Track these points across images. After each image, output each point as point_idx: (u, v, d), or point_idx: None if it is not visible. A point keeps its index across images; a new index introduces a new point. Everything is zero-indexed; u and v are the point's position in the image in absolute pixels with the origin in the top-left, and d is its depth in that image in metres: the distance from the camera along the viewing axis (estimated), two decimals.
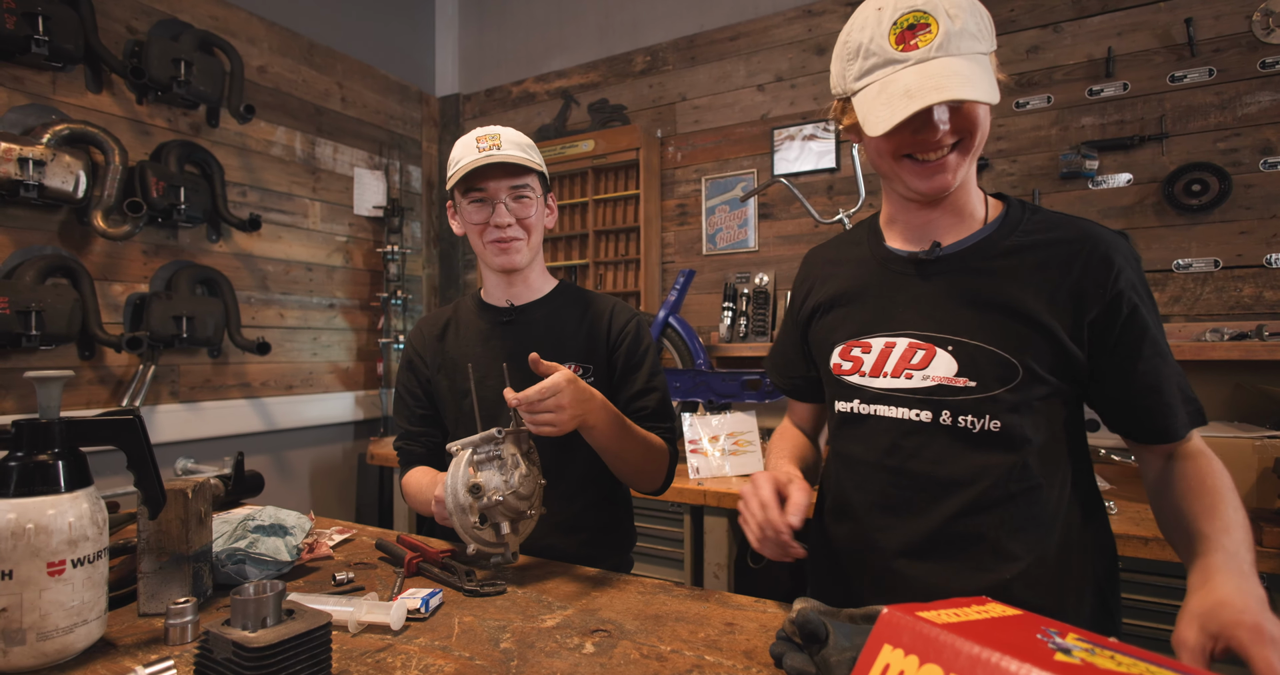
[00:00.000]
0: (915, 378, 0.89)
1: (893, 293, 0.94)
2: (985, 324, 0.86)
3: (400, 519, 2.87)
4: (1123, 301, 0.83)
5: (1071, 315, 0.84)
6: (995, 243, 0.89)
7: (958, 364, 0.87)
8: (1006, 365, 0.85)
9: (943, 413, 0.87)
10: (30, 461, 0.75)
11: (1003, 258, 0.88)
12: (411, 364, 1.37)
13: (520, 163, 1.20)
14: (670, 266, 3.05)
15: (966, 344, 0.87)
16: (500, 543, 1.03)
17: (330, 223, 3.07)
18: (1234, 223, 2.06)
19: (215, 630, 0.67)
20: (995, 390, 0.85)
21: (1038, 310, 0.84)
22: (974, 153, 0.87)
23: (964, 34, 0.80)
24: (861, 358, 0.94)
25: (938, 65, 0.79)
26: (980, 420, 0.86)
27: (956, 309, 0.88)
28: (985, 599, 0.61)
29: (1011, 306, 0.85)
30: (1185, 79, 2.13)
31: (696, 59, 3.01)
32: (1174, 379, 0.85)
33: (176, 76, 2.31)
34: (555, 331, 1.30)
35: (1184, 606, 0.71)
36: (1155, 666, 0.48)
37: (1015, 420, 0.85)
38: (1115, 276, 0.83)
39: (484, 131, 1.23)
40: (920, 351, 0.89)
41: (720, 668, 0.74)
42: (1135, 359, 0.84)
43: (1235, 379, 1.97)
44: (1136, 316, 0.84)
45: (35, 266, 2.01)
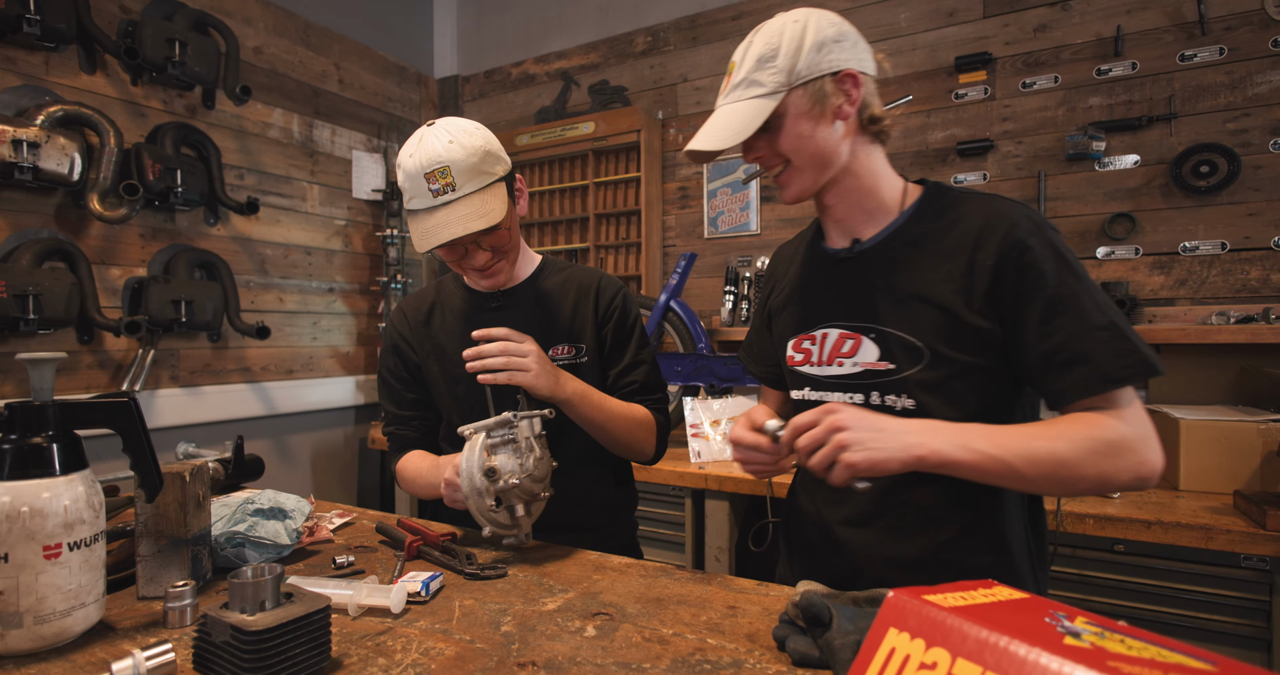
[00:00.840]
0: (846, 365, 0.98)
1: (826, 287, 1.03)
2: (896, 311, 0.94)
3: (401, 503, 2.87)
4: (1013, 269, 0.86)
5: (972, 292, 0.88)
6: (907, 232, 0.96)
7: (879, 350, 0.95)
8: (914, 348, 0.92)
9: (871, 394, 0.96)
10: (24, 444, 0.74)
11: (912, 246, 0.95)
12: (397, 348, 1.35)
13: (486, 221, 1.10)
14: (671, 250, 3.03)
15: (884, 331, 0.95)
16: (515, 524, 1.03)
17: (329, 206, 3.05)
18: (1242, 204, 2.03)
19: (213, 613, 0.67)
20: (908, 371, 0.92)
21: (940, 293, 0.90)
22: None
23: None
24: (810, 349, 1.03)
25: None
26: (899, 399, 0.93)
27: (875, 299, 0.96)
28: (991, 582, 0.61)
29: (918, 293, 0.92)
30: (1195, 58, 2.09)
31: (698, 39, 2.96)
32: (1086, 341, 0.82)
33: (171, 57, 2.27)
34: (543, 314, 1.29)
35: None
36: (1165, 650, 0.48)
37: (927, 398, 0.91)
38: (1009, 248, 0.87)
39: (429, 160, 1.10)
40: (850, 341, 0.98)
41: (723, 651, 0.74)
42: (1036, 325, 0.85)
43: (1241, 362, 1.95)
44: (1032, 283, 0.85)
45: (32, 250, 2.00)
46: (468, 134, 1.13)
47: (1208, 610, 1.49)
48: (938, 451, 0.80)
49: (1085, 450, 0.79)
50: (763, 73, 0.91)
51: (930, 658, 0.49)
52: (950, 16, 2.46)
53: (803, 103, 0.91)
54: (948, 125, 2.46)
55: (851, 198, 0.99)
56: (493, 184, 1.14)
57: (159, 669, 0.66)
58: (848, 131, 0.94)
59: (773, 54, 0.91)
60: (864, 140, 0.97)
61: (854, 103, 0.93)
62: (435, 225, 1.11)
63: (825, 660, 0.68)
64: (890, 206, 0.98)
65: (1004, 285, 0.86)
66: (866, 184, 0.98)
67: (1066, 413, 0.85)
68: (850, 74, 0.92)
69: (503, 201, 1.14)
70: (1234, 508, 1.55)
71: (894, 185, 0.99)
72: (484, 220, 1.10)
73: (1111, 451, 0.79)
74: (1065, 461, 0.79)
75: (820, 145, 0.93)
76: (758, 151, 0.97)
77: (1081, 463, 0.79)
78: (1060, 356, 0.83)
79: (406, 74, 3.48)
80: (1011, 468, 0.80)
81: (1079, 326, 0.82)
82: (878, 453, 0.79)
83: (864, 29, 2.77)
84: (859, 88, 0.93)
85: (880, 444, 0.79)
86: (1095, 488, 0.81)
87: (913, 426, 0.82)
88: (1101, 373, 0.81)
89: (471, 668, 0.70)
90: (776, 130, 0.93)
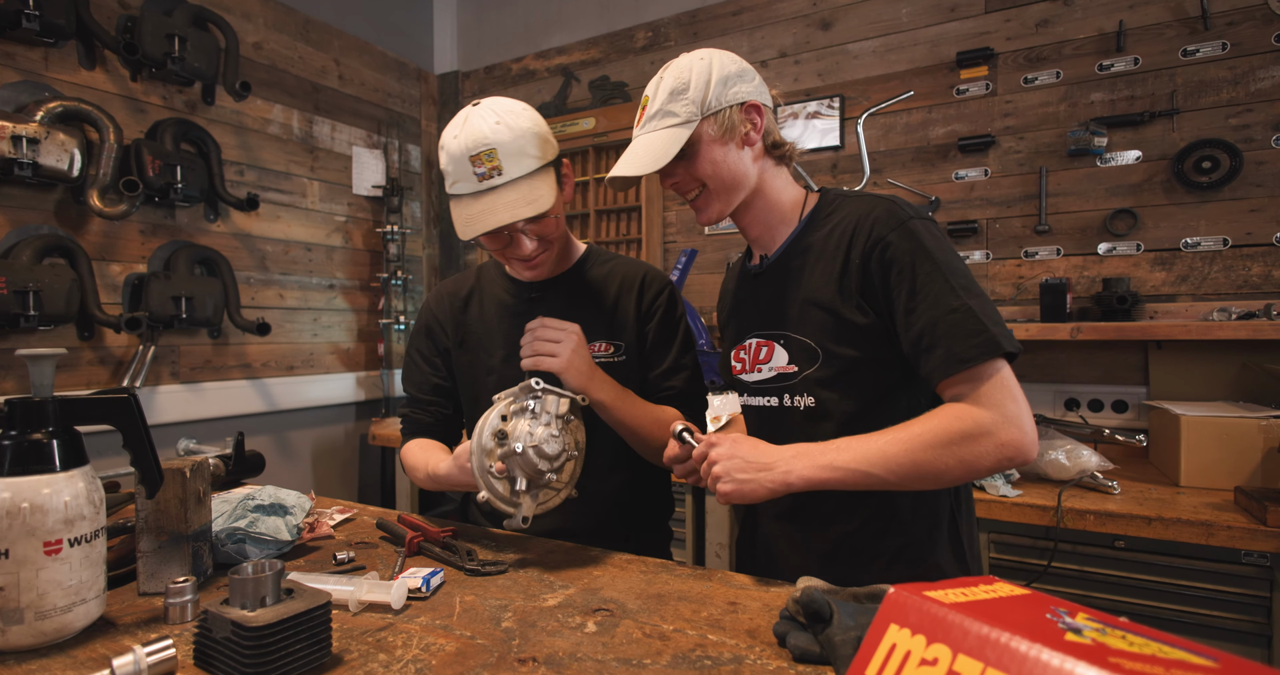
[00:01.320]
0: (764, 370, 1.06)
1: (748, 301, 1.12)
2: (795, 317, 1.01)
3: (403, 499, 2.88)
4: (877, 265, 0.92)
5: (848, 291, 0.95)
6: (799, 241, 1.04)
7: (787, 354, 1.03)
8: (809, 349, 0.99)
9: (783, 396, 1.03)
10: (24, 440, 0.74)
11: (801, 254, 1.02)
12: (430, 331, 1.31)
13: (535, 208, 1.06)
14: (672, 246, 3.02)
15: (789, 336, 1.02)
16: (513, 501, 0.99)
17: (329, 202, 3.04)
18: (1244, 200, 2.03)
19: (214, 609, 0.67)
20: (808, 371, 1.00)
21: (824, 295, 0.97)
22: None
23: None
24: (744, 358, 1.11)
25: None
26: (802, 398, 1.01)
27: (780, 308, 1.04)
28: (992, 578, 0.60)
29: (808, 297, 0.99)
30: (1198, 53, 2.08)
31: (699, 34, 2.95)
32: (942, 324, 0.87)
33: (170, 53, 2.27)
34: (583, 306, 1.24)
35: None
36: (1167, 646, 0.47)
37: (825, 394, 0.98)
38: (874, 243, 0.93)
39: (475, 141, 1.05)
40: (765, 348, 1.06)
41: (723, 647, 0.74)
42: (902, 314, 0.91)
43: (1242, 359, 1.95)
44: (896, 276, 0.91)
45: (32, 246, 1.99)
46: (515, 114, 1.09)
47: (1208, 606, 1.49)
48: (803, 477, 0.87)
49: (938, 445, 0.84)
50: (676, 104, 0.99)
51: (931, 654, 0.49)
52: (952, 11, 2.45)
53: (714, 130, 0.99)
54: (949, 121, 2.45)
55: (759, 216, 1.06)
56: (541, 169, 1.09)
57: (160, 665, 0.66)
58: (755, 156, 1.03)
59: (684, 87, 0.99)
60: (769, 163, 1.05)
61: (759, 130, 1.02)
62: (480, 212, 1.06)
63: (826, 656, 0.68)
64: (790, 219, 1.06)
65: (871, 280, 0.93)
66: (771, 201, 1.05)
67: (942, 392, 0.90)
68: (754, 104, 1.01)
69: (551, 187, 1.10)
70: (1235, 504, 1.55)
71: (794, 198, 1.07)
72: (532, 207, 1.06)
73: (966, 440, 0.83)
74: (920, 461, 0.84)
75: (732, 169, 1.00)
76: (674, 178, 1.04)
77: (938, 458, 0.84)
78: (923, 342, 0.88)
79: (406, 70, 3.47)
80: (873, 476, 0.86)
81: (935, 312, 0.87)
82: (744, 485, 0.88)
83: (865, 24, 2.77)
84: (763, 117, 1.02)
85: (746, 476, 0.88)
86: (965, 476, 0.85)
87: (782, 455, 0.89)
88: (953, 354, 0.85)
89: (472, 663, 0.70)
90: (692, 157, 1.00)
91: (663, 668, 0.69)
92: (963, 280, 0.89)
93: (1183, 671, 0.43)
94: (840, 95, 2.64)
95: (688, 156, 1.00)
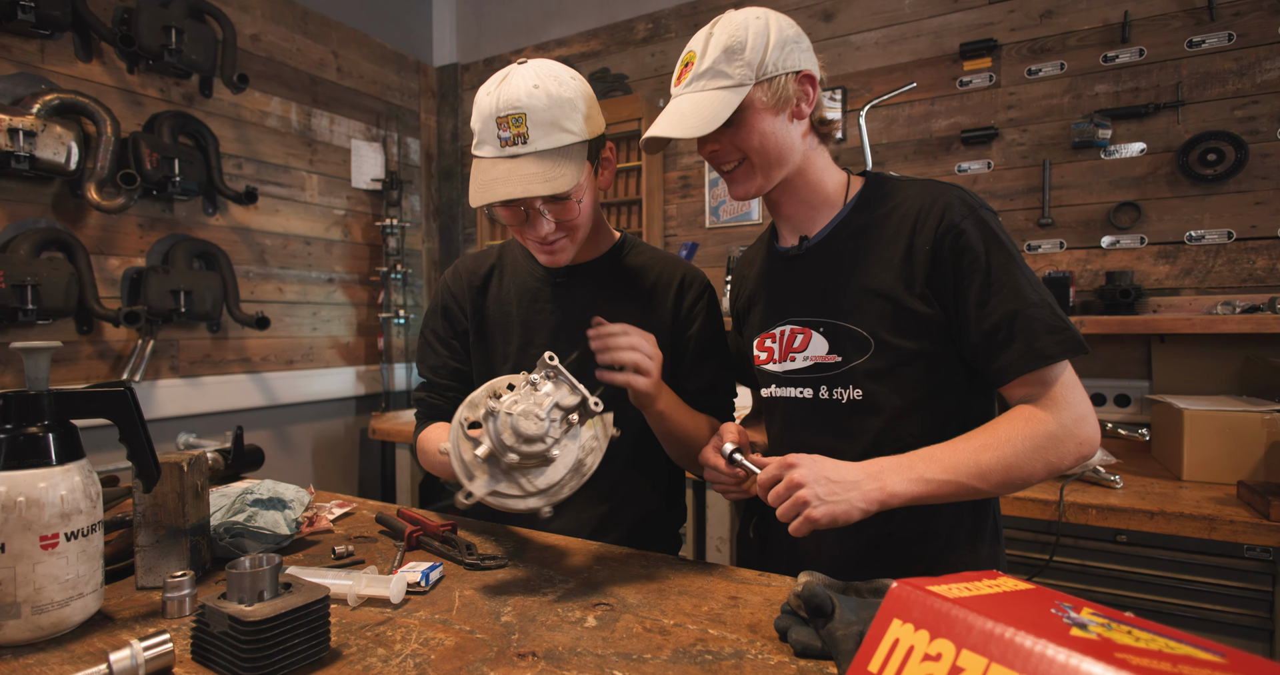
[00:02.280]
0: (798, 360, 1.00)
1: (779, 285, 1.05)
2: (843, 304, 0.96)
3: (402, 493, 2.88)
4: (949, 252, 0.88)
5: (912, 278, 0.90)
6: (848, 225, 0.98)
7: (828, 343, 0.97)
8: (860, 338, 0.94)
9: (820, 388, 0.98)
10: (20, 434, 0.73)
11: (853, 239, 0.97)
12: (448, 311, 1.23)
13: (551, 186, 0.96)
14: (673, 240, 3.01)
15: (832, 324, 0.97)
16: (466, 467, 0.86)
17: (328, 196, 3.03)
18: (1249, 193, 2.01)
19: (211, 604, 0.67)
20: (855, 361, 0.94)
21: (882, 281, 0.92)
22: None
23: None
24: (771, 347, 1.05)
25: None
26: (846, 391, 0.95)
27: (822, 293, 0.98)
28: (996, 573, 0.60)
29: (862, 283, 0.94)
30: (1203, 44, 2.06)
31: (700, 26, 2.91)
32: (1021, 318, 0.85)
33: (167, 45, 2.25)
34: (612, 298, 1.15)
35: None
36: (1173, 641, 0.47)
37: (874, 387, 0.93)
38: (946, 229, 0.89)
39: (506, 103, 0.96)
40: (800, 336, 1.00)
41: (724, 641, 0.73)
42: (974, 305, 0.87)
43: (1246, 353, 1.94)
44: (969, 265, 0.87)
45: (30, 240, 1.99)
46: (559, 81, 0.98)
47: (1210, 601, 1.49)
48: (895, 494, 0.81)
49: (1030, 449, 0.82)
50: (730, 64, 0.90)
51: (935, 649, 0.48)
52: (955, 2, 2.43)
53: (767, 98, 0.91)
54: (952, 113, 2.43)
55: (799, 195, 1.00)
56: (572, 146, 0.99)
57: (157, 659, 0.65)
58: (803, 131, 0.96)
59: (739, 47, 0.90)
60: (814, 141, 0.99)
61: (811, 103, 0.95)
62: (493, 179, 0.97)
63: (828, 651, 0.67)
64: (834, 201, 1.00)
65: (942, 268, 0.89)
66: (813, 180, 0.99)
67: (1008, 389, 0.88)
68: (809, 75, 0.94)
69: (577, 168, 0.98)
70: (1238, 498, 1.54)
71: (838, 180, 1.01)
72: (548, 185, 0.95)
73: (1053, 444, 0.83)
74: (1012, 466, 0.82)
75: (780, 142, 0.94)
76: (716, 145, 0.95)
77: (1028, 462, 0.82)
78: (1000, 334, 0.85)
79: (405, 62, 3.46)
80: (967, 486, 0.82)
81: (1015, 304, 0.85)
82: (837, 506, 0.80)
83: (867, 15, 2.75)
84: (816, 89, 0.95)
85: (838, 497, 0.81)
86: (1047, 477, 0.85)
87: (867, 471, 0.83)
88: (1035, 349, 0.83)
89: (471, 658, 0.70)
90: (739, 124, 0.92)
91: (663, 662, 0.69)
92: (1034, 277, 0.87)
93: (1190, 667, 0.42)
94: (842, 87, 2.62)
95: (734, 124, 0.91)
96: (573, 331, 1.11)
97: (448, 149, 3.61)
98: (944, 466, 0.82)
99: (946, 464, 0.82)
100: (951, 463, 0.83)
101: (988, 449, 0.83)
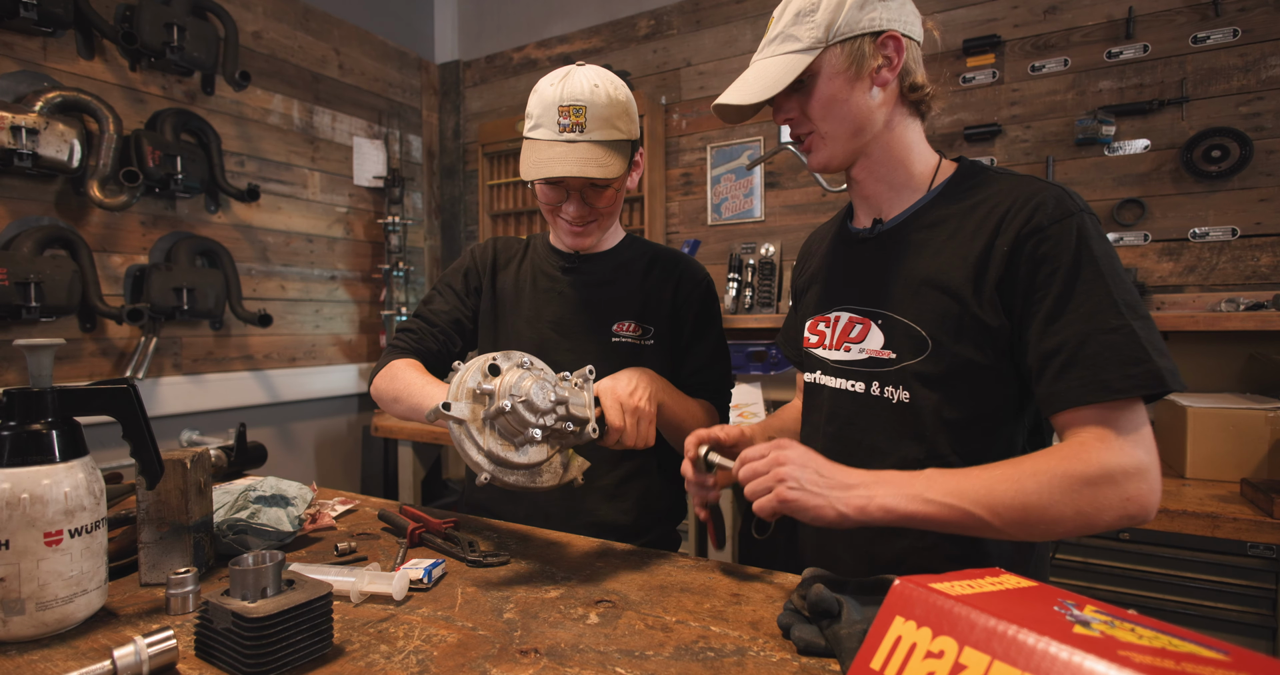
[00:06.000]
0: (853, 351, 0.93)
1: (843, 269, 0.99)
2: (905, 297, 0.88)
3: (405, 490, 2.88)
4: (1028, 258, 0.78)
5: (983, 281, 0.81)
6: (928, 212, 0.90)
7: (884, 337, 0.89)
8: (918, 337, 0.86)
9: (873, 384, 0.90)
10: (23, 431, 0.73)
11: (930, 228, 0.88)
12: (469, 273, 1.30)
13: (603, 171, 1.07)
14: (675, 237, 3.01)
15: (890, 317, 0.89)
16: (461, 390, 0.85)
17: (330, 193, 3.03)
18: (1254, 190, 2.01)
19: (215, 600, 0.67)
20: (909, 361, 0.86)
21: (951, 279, 0.83)
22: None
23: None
24: (824, 332, 0.98)
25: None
26: (896, 391, 0.88)
27: (885, 283, 0.91)
28: (999, 570, 0.60)
29: (929, 278, 0.86)
30: (1208, 40, 2.05)
31: (701, 23, 2.92)
32: (1093, 343, 0.73)
33: (169, 42, 2.25)
34: (615, 285, 1.25)
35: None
36: (1176, 639, 0.47)
37: (923, 393, 0.85)
38: (1031, 231, 0.78)
39: (569, 96, 1.07)
40: (858, 326, 0.93)
41: (726, 638, 0.73)
42: (1042, 320, 0.77)
43: (1250, 350, 1.94)
44: (1047, 275, 0.77)
45: (33, 237, 1.99)
46: (614, 86, 1.11)
47: (1213, 598, 1.49)
48: (886, 507, 0.73)
49: (1056, 490, 0.70)
50: (800, 27, 0.85)
51: (937, 647, 0.48)
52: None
53: (839, 62, 0.84)
54: (954, 109, 2.43)
55: (880, 172, 0.92)
56: (620, 142, 1.11)
57: (161, 655, 0.65)
58: (885, 100, 0.87)
59: (812, 8, 0.84)
60: (902, 111, 0.90)
61: (894, 69, 0.85)
62: (550, 158, 1.07)
63: (830, 649, 0.67)
64: (919, 184, 0.91)
65: (1016, 274, 0.79)
66: (898, 157, 0.91)
67: (1058, 420, 0.78)
68: (893, 36, 0.84)
69: (623, 161, 1.11)
70: (1241, 496, 1.54)
71: (927, 161, 0.92)
72: (601, 170, 1.07)
73: (1088, 487, 0.70)
74: (1031, 505, 0.70)
75: (853, 111, 0.86)
76: (788, 113, 0.90)
77: (1053, 504, 0.70)
78: (1060, 357, 0.74)
79: (407, 59, 3.45)
80: (973, 516, 0.72)
81: (1087, 326, 0.73)
82: (813, 497, 0.74)
83: None
84: (901, 52, 0.85)
85: (819, 490, 0.75)
86: (1078, 530, 0.72)
87: (862, 478, 0.76)
88: (1100, 380, 0.72)
89: (473, 655, 0.70)
90: (809, 91, 0.86)
91: (665, 659, 0.69)
92: (1129, 296, 0.74)
93: (1193, 664, 0.42)
94: None
95: (805, 90, 0.86)
96: (573, 309, 1.23)
97: (449, 146, 3.61)
98: (948, 490, 0.73)
99: (952, 488, 0.73)
100: (958, 487, 0.73)
101: (1006, 480, 0.72)
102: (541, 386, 0.86)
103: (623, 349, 1.21)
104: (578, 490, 0.98)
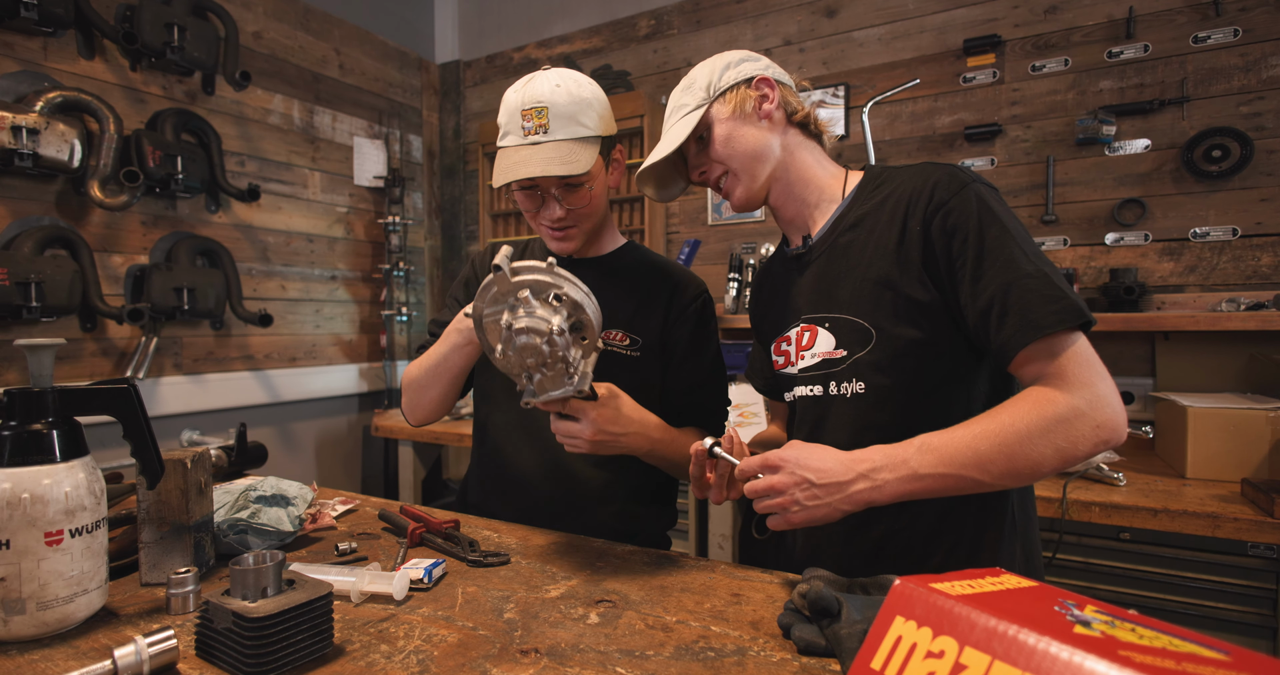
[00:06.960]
0: (807, 357, 1.00)
1: (789, 288, 1.06)
2: (845, 296, 0.95)
3: (405, 490, 2.88)
4: (940, 232, 0.86)
5: (908, 263, 0.89)
6: (846, 216, 0.99)
7: (834, 337, 0.96)
8: (862, 330, 0.93)
9: (829, 384, 0.97)
10: (24, 431, 0.73)
11: (852, 229, 0.97)
12: (469, 281, 1.32)
13: (567, 168, 1.06)
14: (675, 237, 3.01)
15: (836, 318, 0.96)
16: (480, 333, 0.89)
17: (330, 193, 3.03)
18: (1254, 189, 2.01)
19: (215, 600, 0.67)
20: (858, 354, 0.93)
21: (879, 269, 0.91)
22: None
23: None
24: (787, 350, 1.05)
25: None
26: (850, 384, 0.94)
27: (826, 289, 0.98)
28: (999, 570, 0.60)
29: (861, 273, 0.93)
30: (1209, 40, 2.05)
31: (702, 22, 2.92)
32: (1015, 290, 0.80)
33: (170, 42, 2.25)
34: (608, 290, 1.18)
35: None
36: (1176, 639, 0.47)
37: (877, 380, 0.92)
38: (935, 208, 0.87)
39: (530, 99, 1.08)
40: (808, 333, 1.00)
41: (727, 638, 0.73)
42: (969, 283, 0.84)
43: (1250, 350, 1.93)
44: (960, 243, 0.85)
45: (33, 237, 1.99)
46: (577, 83, 1.12)
47: (1214, 598, 1.49)
48: (888, 494, 0.79)
49: (1036, 434, 0.76)
50: (688, 96, 1.01)
51: (938, 646, 0.48)
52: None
53: (724, 109, 0.99)
54: (955, 109, 2.43)
55: (794, 192, 1.02)
56: (587, 139, 1.10)
57: (161, 655, 0.65)
58: (774, 129, 0.99)
59: (692, 82, 1.02)
60: (796, 136, 1.02)
61: (773, 101, 0.98)
62: (516, 162, 1.07)
63: (831, 649, 0.67)
64: (833, 196, 1.01)
65: (933, 248, 0.87)
66: (805, 177, 1.01)
67: (1017, 372, 0.84)
68: (764, 79, 0.99)
69: (591, 157, 1.08)
70: (1241, 496, 1.54)
71: (834, 174, 1.03)
72: (565, 167, 1.05)
73: (1063, 427, 0.76)
74: (1015, 454, 0.76)
75: (750, 142, 0.98)
76: (701, 167, 1.03)
77: (1033, 449, 0.76)
78: (994, 310, 0.82)
79: (407, 59, 3.45)
80: (967, 478, 0.77)
81: (1007, 276, 0.81)
82: (817, 510, 0.79)
83: (870, 12, 2.74)
84: (774, 88, 0.99)
85: (819, 502, 0.79)
86: (1061, 465, 0.78)
87: (855, 468, 0.79)
88: (1030, 321, 0.79)
89: (474, 654, 0.70)
90: (709, 140, 1.00)
91: (666, 659, 0.69)
92: (1032, 248, 0.83)
93: (1194, 664, 0.42)
94: (845, 83, 2.61)
95: (705, 140, 1.00)
96: None
97: (450, 146, 3.61)
98: (938, 458, 0.78)
99: (941, 455, 0.78)
100: (947, 454, 0.78)
101: (987, 436, 0.77)
102: (527, 308, 0.85)
103: (609, 358, 1.17)
104: (568, 492, 1.02)
